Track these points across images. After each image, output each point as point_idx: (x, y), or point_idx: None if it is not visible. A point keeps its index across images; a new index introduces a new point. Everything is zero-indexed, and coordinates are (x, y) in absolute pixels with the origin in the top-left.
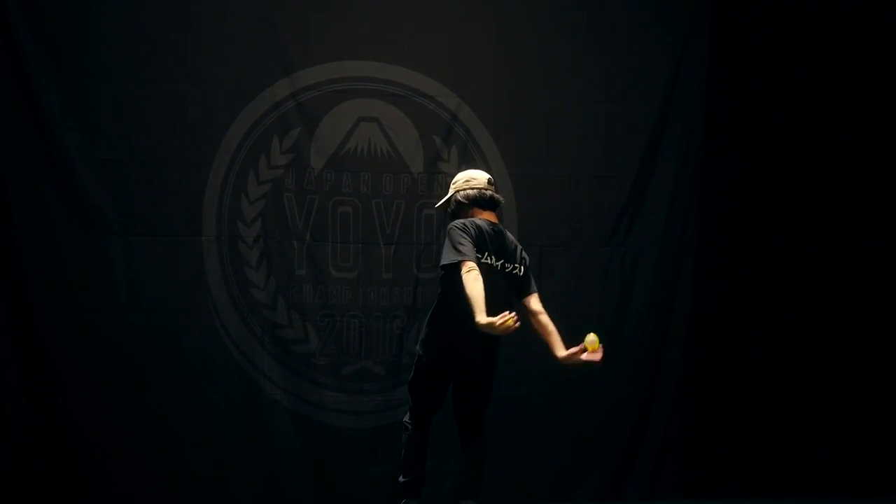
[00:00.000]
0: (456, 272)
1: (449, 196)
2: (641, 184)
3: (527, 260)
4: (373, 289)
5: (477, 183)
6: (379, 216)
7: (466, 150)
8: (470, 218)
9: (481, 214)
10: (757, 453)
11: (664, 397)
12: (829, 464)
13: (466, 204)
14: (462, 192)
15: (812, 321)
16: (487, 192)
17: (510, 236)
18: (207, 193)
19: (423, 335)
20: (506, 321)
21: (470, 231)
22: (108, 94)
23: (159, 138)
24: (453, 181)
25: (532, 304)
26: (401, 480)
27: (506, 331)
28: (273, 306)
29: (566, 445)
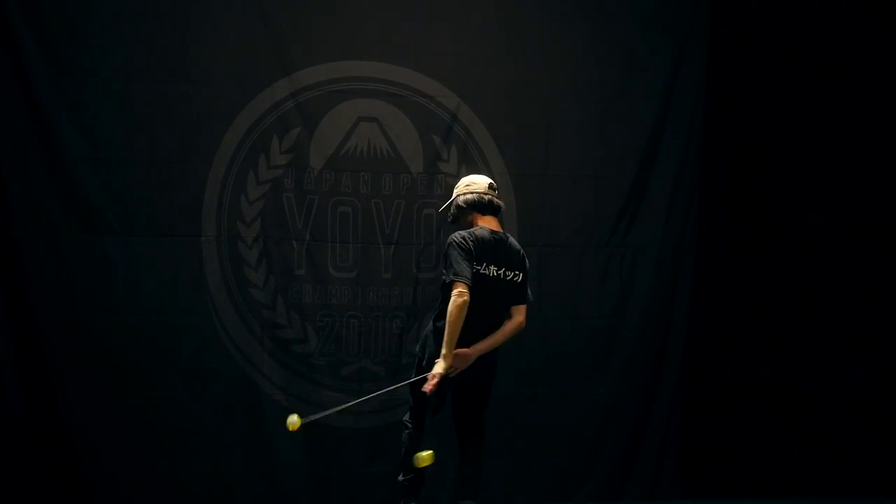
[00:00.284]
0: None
1: (450, 201)
2: (641, 184)
3: (527, 267)
4: (372, 289)
5: (477, 188)
6: (378, 216)
7: (466, 151)
8: (470, 225)
9: (481, 219)
10: (757, 453)
11: (664, 397)
12: (830, 464)
13: (466, 209)
14: (462, 197)
15: (812, 321)
16: (486, 197)
17: (514, 243)
18: (207, 193)
19: (424, 337)
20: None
21: (468, 245)
22: (108, 94)
23: (159, 138)
24: (456, 185)
25: (514, 311)
26: (400, 480)
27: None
28: (272, 306)
29: (566, 445)
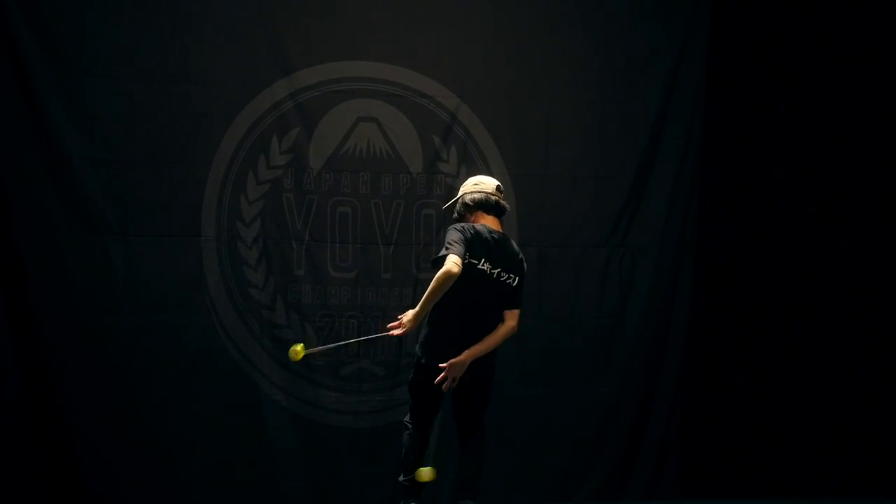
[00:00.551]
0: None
1: (456, 198)
2: (641, 184)
3: (525, 272)
4: (371, 289)
5: (485, 188)
6: (378, 216)
7: (466, 151)
8: (472, 223)
9: (485, 219)
10: (757, 453)
11: (664, 397)
12: (830, 464)
13: (472, 207)
14: (469, 196)
15: (812, 321)
16: (493, 198)
17: (513, 246)
18: (207, 193)
19: (423, 336)
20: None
21: (466, 234)
22: (108, 94)
23: (159, 138)
24: (463, 184)
25: (507, 316)
26: (401, 480)
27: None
28: (272, 306)
29: (566, 445)
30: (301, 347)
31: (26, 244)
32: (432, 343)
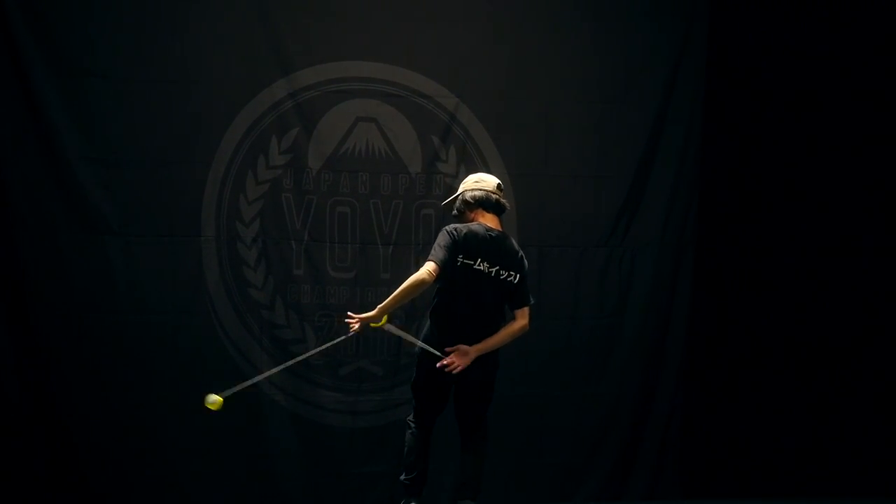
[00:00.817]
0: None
1: (456, 195)
2: (640, 183)
3: (526, 269)
4: (371, 289)
5: (486, 185)
6: (377, 216)
7: (465, 151)
8: (470, 221)
9: (484, 217)
10: (757, 453)
11: (664, 397)
12: (829, 464)
13: (472, 204)
14: (470, 193)
15: (812, 321)
16: (494, 197)
17: (512, 244)
18: (206, 193)
19: (424, 336)
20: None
21: (455, 237)
22: (107, 94)
23: (158, 138)
24: (464, 181)
25: (517, 314)
26: (402, 479)
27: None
28: (271, 306)
29: (566, 445)
30: (215, 397)
31: (26, 244)
32: (435, 342)
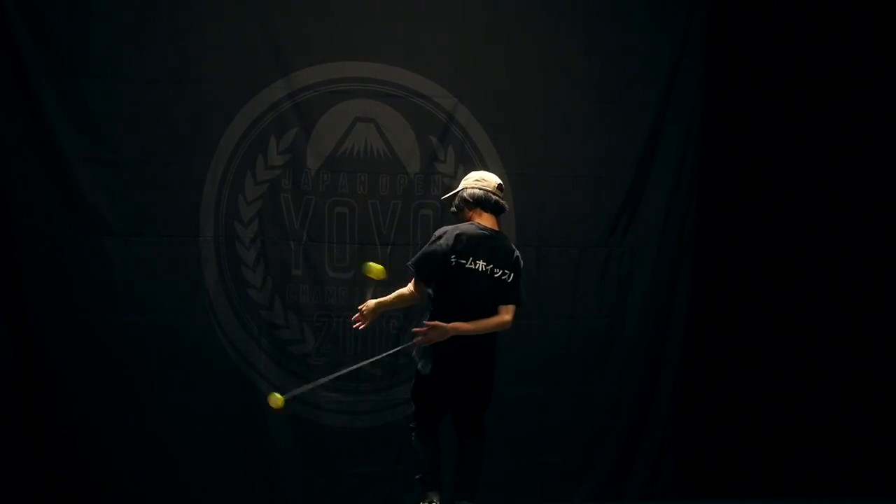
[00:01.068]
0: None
1: (456, 191)
2: (639, 184)
3: (521, 269)
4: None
5: (486, 185)
6: (375, 217)
7: (463, 151)
8: (468, 219)
9: (481, 216)
10: (755, 454)
11: (662, 397)
12: (828, 464)
13: (471, 202)
14: (469, 191)
15: (811, 321)
16: (493, 197)
17: (508, 243)
18: (205, 194)
19: (425, 347)
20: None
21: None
22: (106, 95)
23: (157, 139)
24: (465, 178)
25: (501, 310)
26: (418, 478)
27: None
28: (270, 306)
29: (564, 445)
30: (279, 396)
31: (25, 244)
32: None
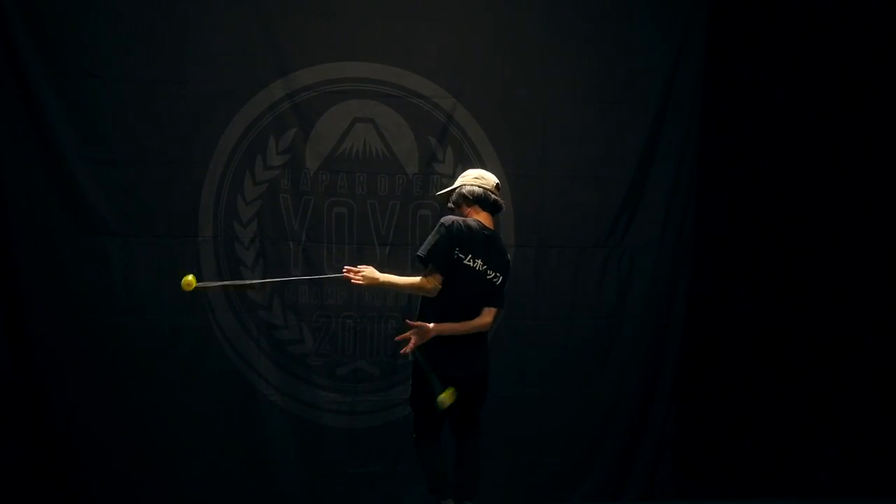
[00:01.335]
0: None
1: (453, 187)
2: (638, 184)
3: (510, 272)
4: (368, 289)
5: (485, 183)
6: (374, 217)
7: (462, 151)
8: (465, 216)
9: (479, 215)
10: (754, 454)
11: (661, 397)
12: (827, 464)
13: (470, 199)
14: (468, 188)
15: (810, 321)
16: (492, 196)
17: (502, 245)
18: (204, 194)
19: (418, 347)
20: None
21: (457, 235)
22: (105, 95)
23: (156, 139)
24: (462, 174)
25: (483, 311)
26: (429, 488)
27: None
28: (269, 307)
29: (563, 446)
30: (192, 278)
31: (23, 244)
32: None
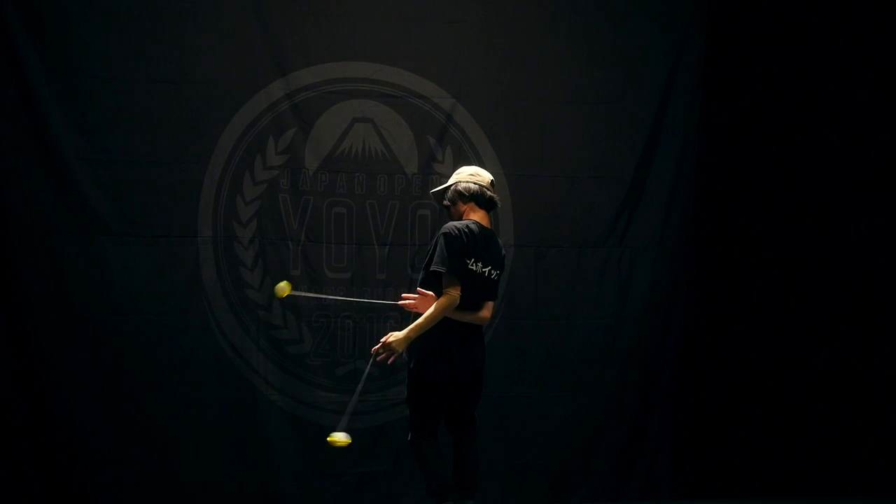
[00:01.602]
0: (439, 283)
1: (448, 185)
2: (638, 184)
3: (505, 267)
4: (367, 289)
5: (480, 180)
6: (373, 217)
7: (461, 151)
8: (461, 214)
9: (475, 212)
10: (752, 454)
11: (660, 398)
12: (826, 464)
13: (466, 197)
14: (463, 185)
15: (809, 321)
16: (488, 193)
17: (498, 241)
18: (203, 194)
19: (415, 347)
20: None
21: (463, 242)
22: (105, 95)
23: (155, 139)
24: (457, 171)
25: (483, 307)
26: (429, 490)
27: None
28: (268, 307)
29: (563, 446)
30: (286, 284)
31: (23, 245)
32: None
